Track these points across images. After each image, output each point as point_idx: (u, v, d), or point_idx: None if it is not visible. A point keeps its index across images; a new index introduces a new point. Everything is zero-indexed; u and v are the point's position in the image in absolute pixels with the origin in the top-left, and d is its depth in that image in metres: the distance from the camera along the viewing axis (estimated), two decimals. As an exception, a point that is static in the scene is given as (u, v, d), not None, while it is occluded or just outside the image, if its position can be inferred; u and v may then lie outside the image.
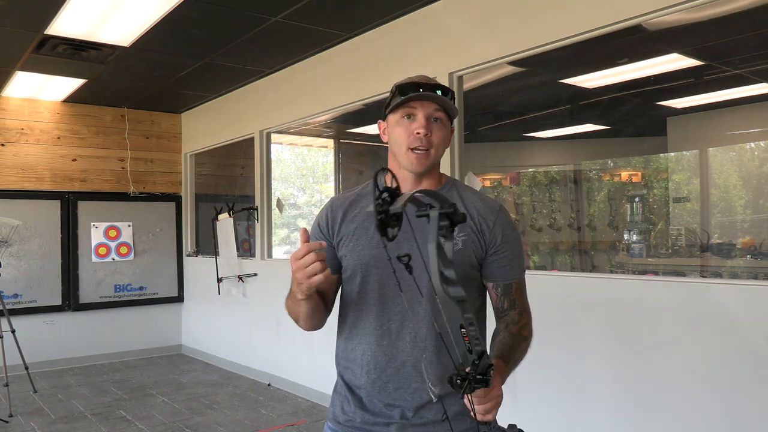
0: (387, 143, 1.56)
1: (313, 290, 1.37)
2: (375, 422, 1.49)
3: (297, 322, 1.55)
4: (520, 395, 3.31)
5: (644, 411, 2.93)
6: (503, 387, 1.29)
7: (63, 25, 4.24)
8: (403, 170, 1.51)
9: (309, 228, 1.49)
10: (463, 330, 1.09)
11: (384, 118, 1.55)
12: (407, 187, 1.54)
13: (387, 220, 1.11)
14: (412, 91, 1.44)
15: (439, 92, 1.46)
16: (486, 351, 1.12)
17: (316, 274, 1.30)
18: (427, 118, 1.46)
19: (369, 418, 1.50)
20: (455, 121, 1.62)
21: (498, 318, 1.56)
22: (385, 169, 1.13)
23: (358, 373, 1.52)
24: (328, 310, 1.59)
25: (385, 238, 1.12)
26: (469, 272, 1.49)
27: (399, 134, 1.48)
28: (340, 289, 1.62)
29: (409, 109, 1.47)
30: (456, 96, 3.70)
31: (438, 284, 1.08)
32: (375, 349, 1.49)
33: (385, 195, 1.12)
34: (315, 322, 1.54)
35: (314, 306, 1.48)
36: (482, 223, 1.50)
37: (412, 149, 1.47)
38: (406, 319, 1.47)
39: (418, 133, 1.45)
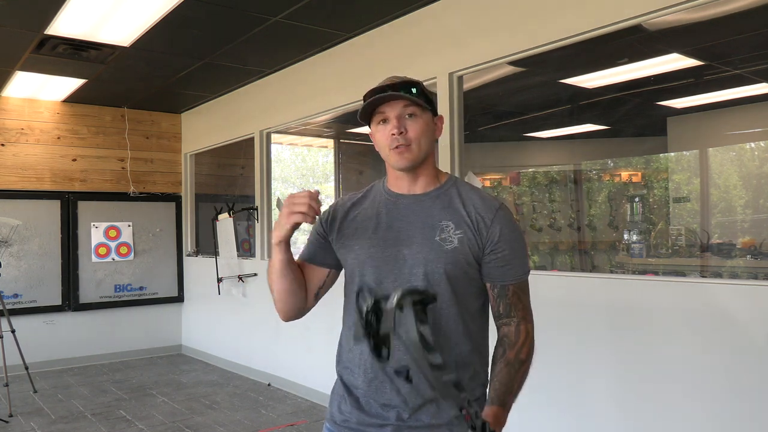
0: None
1: (287, 229, 1.43)
2: (370, 423, 1.50)
3: (272, 293, 1.57)
4: (520, 394, 3.31)
5: (644, 411, 2.93)
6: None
7: (63, 25, 4.24)
8: (395, 170, 1.55)
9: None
10: (463, 411, 1.14)
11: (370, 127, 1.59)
12: (403, 185, 1.56)
13: (378, 342, 1.21)
14: (371, 97, 1.49)
15: (413, 89, 1.48)
16: (488, 423, 1.17)
17: (301, 212, 1.39)
18: (398, 117, 1.49)
19: (365, 418, 1.50)
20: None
21: (496, 323, 1.53)
22: (370, 296, 1.25)
23: (356, 373, 1.53)
24: (307, 299, 1.60)
25: (378, 359, 1.22)
26: (467, 271, 1.49)
27: (379, 139, 1.53)
28: (337, 287, 1.65)
29: (380, 114, 1.51)
30: (456, 96, 3.75)
31: (431, 375, 1.15)
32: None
33: (371, 318, 1.22)
34: (287, 294, 1.55)
35: (287, 269, 1.51)
36: (479, 221, 1.49)
37: (392, 149, 1.50)
38: None
39: (393, 135, 1.48)
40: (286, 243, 1.49)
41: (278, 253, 1.50)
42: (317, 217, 1.64)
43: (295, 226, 1.45)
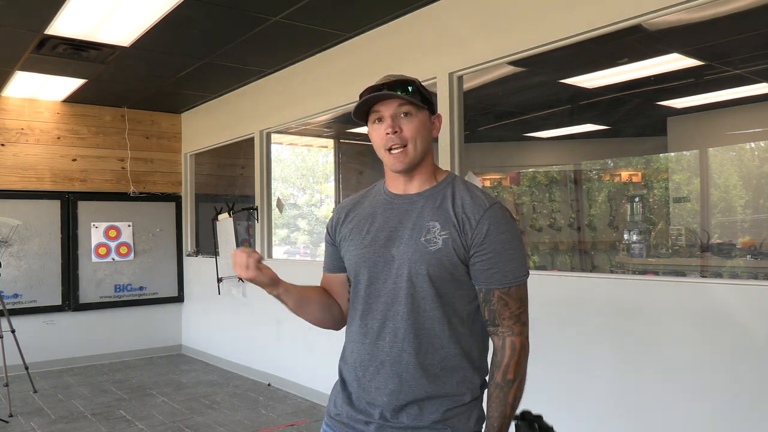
0: None
1: (259, 280, 1.49)
2: (357, 419, 1.52)
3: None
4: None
5: (644, 410, 2.93)
6: None
7: (63, 25, 4.24)
8: (391, 170, 1.54)
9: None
10: None
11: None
12: (399, 185, 1.55)
13: None
14: (364, 97, 1.49)
15: (409, 88, 1.47)
16: None
17: (248, 267, 1.46)
18: (393, 116, 1.48)
19: (353, 414, 1.53)
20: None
21: (487, 329, 1.51)
22: None
23: (350, 370, 1.56)
24: (341, 309, 1.66)
25: None
26: (452, 273, 1.45)
27: (375, 139, 1.52)
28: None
29: (376, 113, 1.50)
30: (456, 96, 3.75)
31: None
32: (360, 348, 1.52)
33: None
34: (317, 319, 1.64)
35: (299, 301, 1.58)
36: (465, 221, 1.45)
37: (388, 150, 1.49)
38: (387, 318, 1.49)
39: (387, 134, 1.47)
40: (275, 285, 1.52)
41: (280, 296, 1.55)
42: (327, 228, 1.68)
43: (259, 274, 1.48)
